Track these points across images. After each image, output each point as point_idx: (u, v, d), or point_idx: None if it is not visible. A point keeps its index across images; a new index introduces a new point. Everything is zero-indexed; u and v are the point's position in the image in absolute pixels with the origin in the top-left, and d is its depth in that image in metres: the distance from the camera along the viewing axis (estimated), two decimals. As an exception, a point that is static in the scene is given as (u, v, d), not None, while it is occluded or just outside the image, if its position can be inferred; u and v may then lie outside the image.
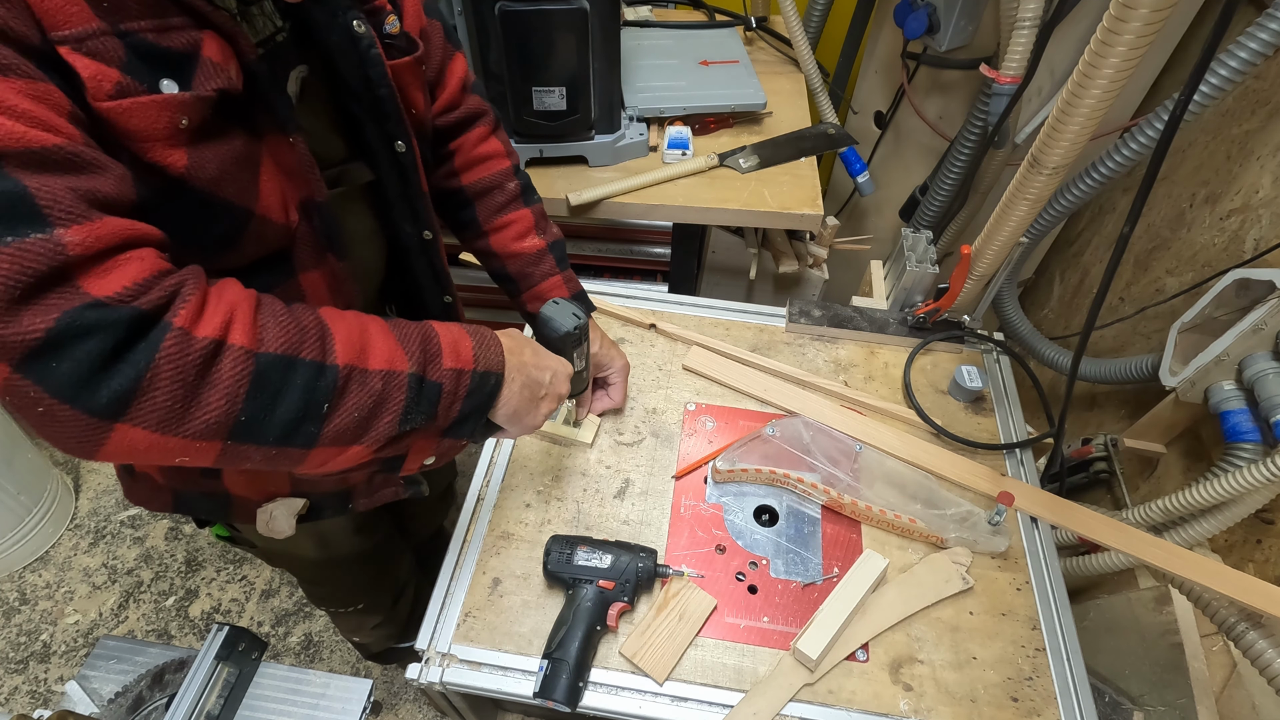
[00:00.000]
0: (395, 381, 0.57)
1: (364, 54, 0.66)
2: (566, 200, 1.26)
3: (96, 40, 0.46)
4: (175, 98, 0.49)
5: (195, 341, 0.47)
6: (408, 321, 0.62)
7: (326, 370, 0.53)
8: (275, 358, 0.51)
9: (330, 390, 0.54)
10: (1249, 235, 1.12)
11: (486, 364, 0.65)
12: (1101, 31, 0.69)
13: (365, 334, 0.57)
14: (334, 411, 0.54)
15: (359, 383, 0.55)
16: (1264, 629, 0.92)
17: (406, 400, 0.58)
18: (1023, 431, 1.03)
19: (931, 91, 1.54)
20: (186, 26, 0.50)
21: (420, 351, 0.60)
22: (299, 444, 0.53)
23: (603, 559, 0.81)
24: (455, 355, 0.63)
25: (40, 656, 1.62)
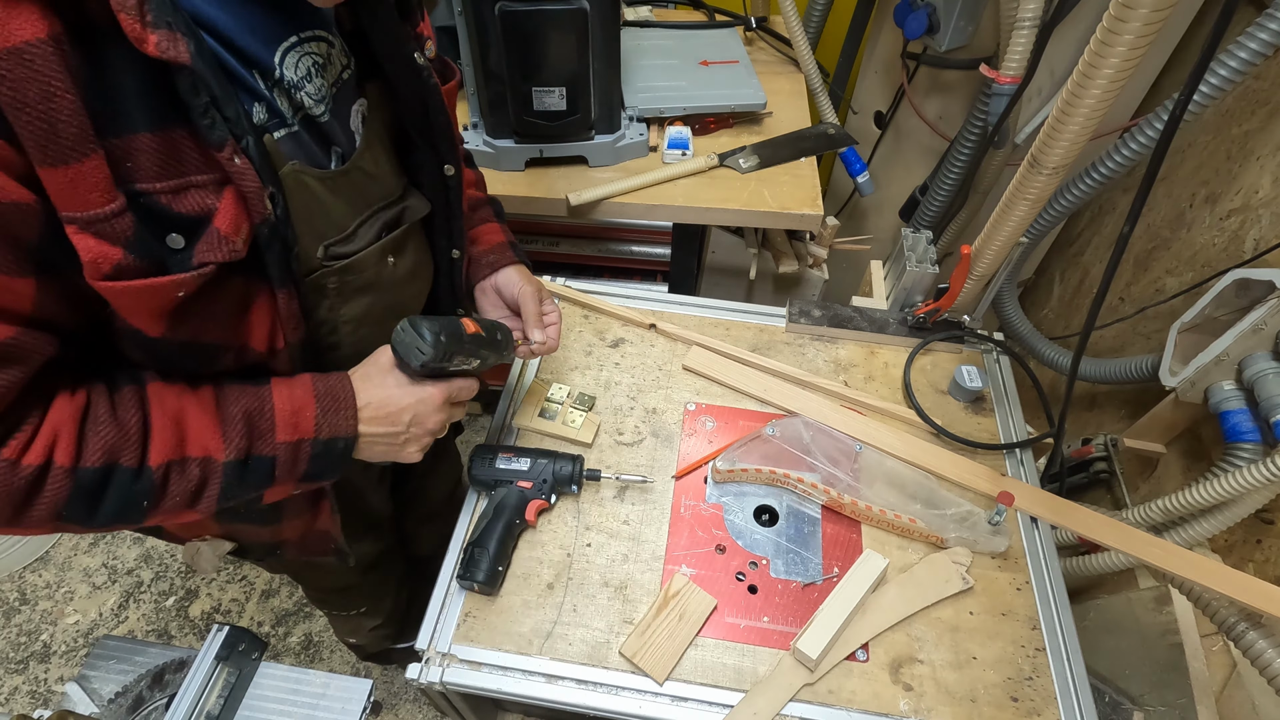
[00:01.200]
0: (211, 469, 0.60)
1: (425, 83, 0.68)
2: (566, 200, 1.26)
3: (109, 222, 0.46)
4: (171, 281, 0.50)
5: (20, 469, 0.51)
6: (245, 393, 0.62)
7: (143, 473, 0.57)
8: (93, 471, 0.54)
9: (147, 489, 0.57)
10: (1249, 235, 1.12)
11: (332, 431, 0.65)
12: (1101, 31, 0.69)
13: (183, 421, 0.59)
14: (155, 503, 0.58)
15: (178, 473, 0.58)
16: (1264, 629, 0.92)
17: (224, 483, 0.61)
18: (1023, 431, 1.03)
19: (931, 91, 1.54)
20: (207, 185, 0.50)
21: (244, 435, 0.61)
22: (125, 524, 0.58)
23: (521, 463, 0.88)
24: (293, 427, 0.63)
25: (40, 656, 1.62)
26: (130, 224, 0.47)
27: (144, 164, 0.47)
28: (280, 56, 0.56)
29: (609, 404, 1.03)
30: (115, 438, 0.55)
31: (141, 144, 0.46)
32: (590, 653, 0.80)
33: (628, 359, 1.09)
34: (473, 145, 1.31)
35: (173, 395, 0.59)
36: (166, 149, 0.47)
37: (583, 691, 0.78)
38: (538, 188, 1.31)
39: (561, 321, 0.90)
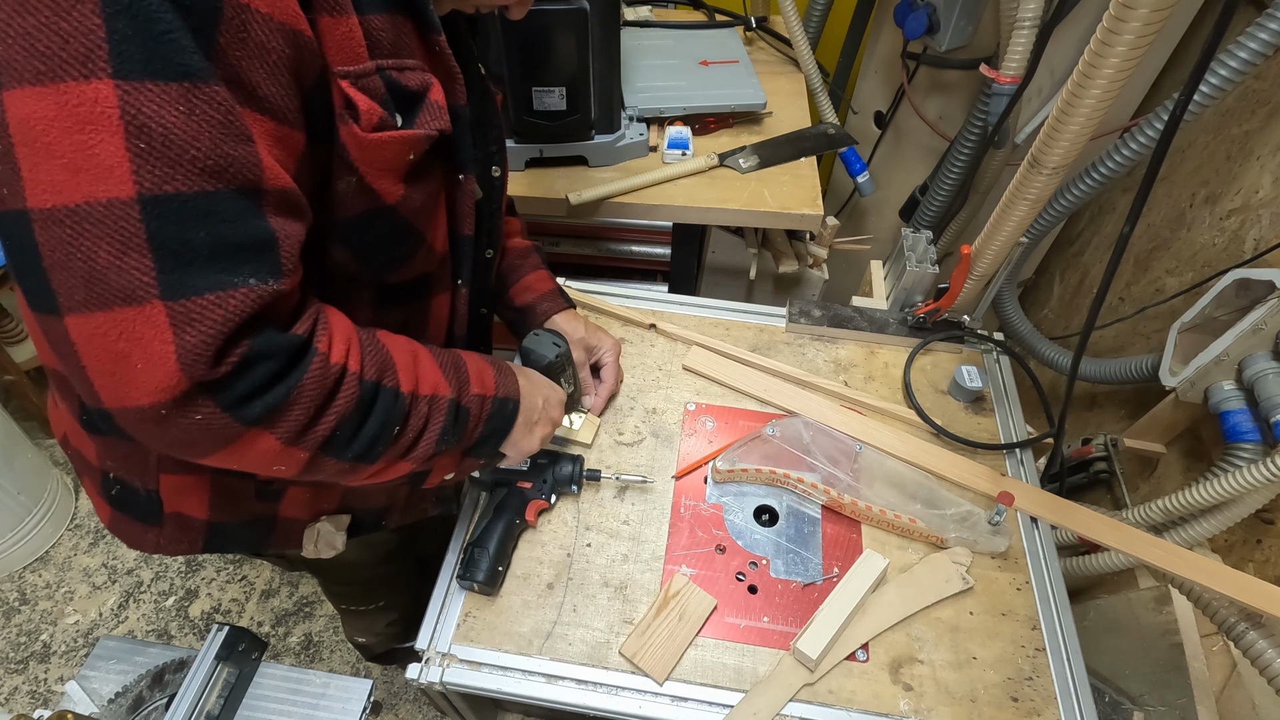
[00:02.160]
0: (438, 405, 0.62)
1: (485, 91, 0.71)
2: (566, 200, 1.26)
3: (369, 79, 0.51)
4: (411, 135, 0.55)
5: (331, 367, 0.52)
6: (441, 349, 0.67)
7: (400, 397, 0.59)
8: (372, 384, 0.56)
9: (401, 414, 0.59)
10: (1249, 235, 1.12)
11: (505, 391, 0.71)
12: (1101, 31, 0.69)
13: (417, 361, 0.62)
14: (401, 432, 0.59)
15: (415, 407, 0.60)
16: (1264, 629, 0.92)
17: (445, 423, 0.63)
18: (1023, 431, 1.03)
19: (931, 91, 1.54)
20: (418, 69, 0.56)
21: (455, 378, 0.65)
22: (366, 460, 0.58)
23: (524, 463, 0.88)
24: (481, 382, 0.68)
25: (40, 656, 1.62)
26: (381, 86, 0.52)
27: (379, 41, 0.51)
28: None
29: (608, 404, 1.03)
30: (383, 358, 0.58)
31: (377, 23, 0.51)
32: (590, 653, 0.80)
33: (628, 359, 1.09)
34: (473, 145, 1.31)
35: (403, 339, 0.63)
36: (394, 31, 0.53)
37: (583, 691, 0.78)
38: (538, 188, 1.31)
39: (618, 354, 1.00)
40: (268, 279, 0.45)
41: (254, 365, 0.47)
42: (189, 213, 0.42)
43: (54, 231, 0.40)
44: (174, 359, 0.42)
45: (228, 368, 0.45)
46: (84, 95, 0.38)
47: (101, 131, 0.39)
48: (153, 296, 0.41)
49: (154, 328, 0.42)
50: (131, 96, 0.39)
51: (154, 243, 0.41)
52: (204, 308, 0.43)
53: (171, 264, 0.42)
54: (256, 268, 0.45)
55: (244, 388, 0.47)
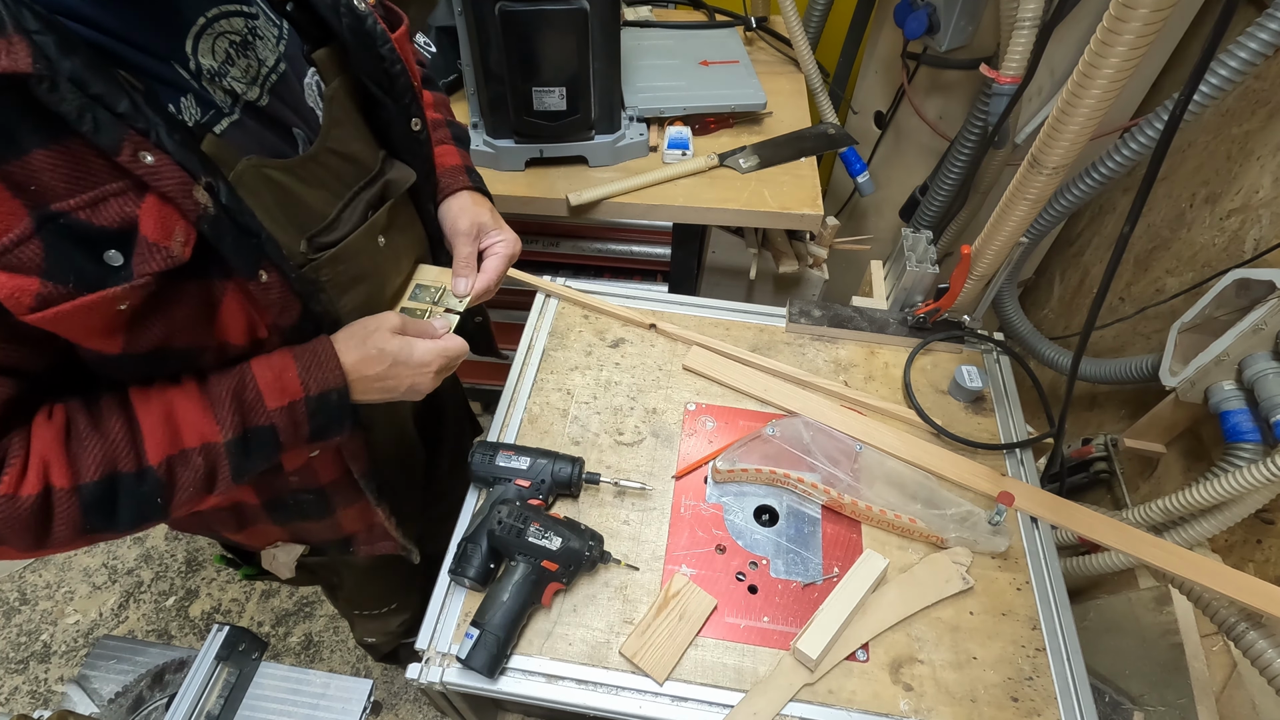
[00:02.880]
0: (214, 452, 0.60)
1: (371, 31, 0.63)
2: (567, 200, 1.26)
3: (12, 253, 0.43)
4: (103, 297, 0.46)
5: (20, 501, 0.51)
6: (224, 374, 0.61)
7: (145, 474, 0.57)
8: (95, 485, 0.55)
9: (157, 488, 0.57)
10: (1249, 235, 1.12)
11: (320, 385, 0.64)
12: (1101, 31, 0.69)
13: (172, 416, 0.58)
14: (169, 498, 0.58)
15: (182, 465, 0.58)
16: (1264, 629, 0.92)
17: (232, 463, 0.61)
18: (1023, 431, 1.03)
19: (931, 91, 1.54)
20: (124, 192, 0.46)
21: (235, 412, 0.60)
22: (153, 521, 0.59)
23: (521, 461, 0.83)
24: (280, 391, 0.62)
25: (40, 656, 1.62)
26: (39, 250, 0.43)
27: (49, 182, 0.43)
28: (191, 44, 0.52)
29: (609, 404, 1.03)
30: (105, 448, 0.55)
31: (38, 163, 0.42)
32: (590, 653, 0.80)
33: (628, 359, 1.09)
34: (473, 145, 1.31)
35: (156, 393, 0.58)
36: (70, 162, 0.44)
37: (583, 691, 0.78)
38: (538, 188, 1.31)
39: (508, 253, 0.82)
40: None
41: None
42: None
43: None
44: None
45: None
46: None
47: None
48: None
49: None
50: None
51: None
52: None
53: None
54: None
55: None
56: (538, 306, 1.16)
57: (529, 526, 0.81)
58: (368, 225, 0.68)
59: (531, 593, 0.79)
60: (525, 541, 0.81)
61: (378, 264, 0.72)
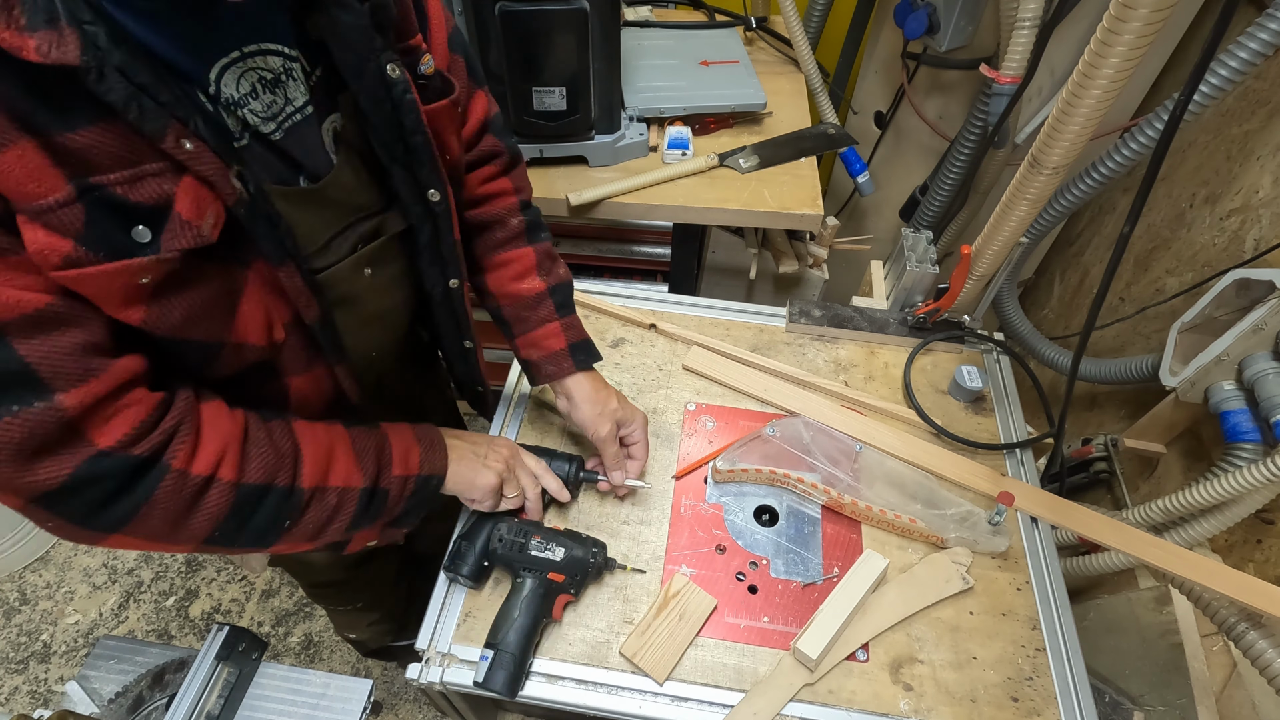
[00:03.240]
0: (349, 496, 0.66)
1: (398, 100, 0.62)
2: (566, 200, 1.26)
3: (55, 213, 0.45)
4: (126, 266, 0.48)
5: (190, 479, 0.55)
6: (369, 431, 0.70)
7: (294, 493, 0.62)
8: (254, 487, 0.59)
9: (295, 509, 0.63)
10: (1249, 235, 1.12)
11: (430, 469, 0.74)
12: (1101, 31, 0.69)
13: (331, 453, 0.65)
14: (294, 525, 0.63)
15: (319, 500, 0.64)
16: (1264, 629, 0.92)
17: (356, 512, 0.67)
18: (1023, 431, 1.03)
19: (931, 91, 1.54)
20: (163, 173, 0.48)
21: (375, 465, 0.68)
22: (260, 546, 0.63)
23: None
24: (405, 463, 0.71)
25: (40, 656, 1.62)
26: (80, 215, 0.46)
27: (94, 157, 0.45)
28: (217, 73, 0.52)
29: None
30: (274, 459, 0.61)
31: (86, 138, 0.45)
32: (590, 653, 0.80)
33: (628, 359, 1.09)
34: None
35: (322, 430, 0.66)
36: (115, 140, 0.46)
37: (583, 691, 0.78)
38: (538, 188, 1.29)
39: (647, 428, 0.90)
40: (32, 402, 0.47)
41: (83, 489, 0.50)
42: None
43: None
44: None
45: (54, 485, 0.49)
46: None
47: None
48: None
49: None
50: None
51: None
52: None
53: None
54: (18, 395, 0.47)
55: (81, 507, 0.51)
56: None
57: (530, 540, 0.82)
58: (356, 256, 0.69)
59: (541, 606, 0.79)
60: (529, 556, 0.81)
61: (360, 293, 0.72)
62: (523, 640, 0.76)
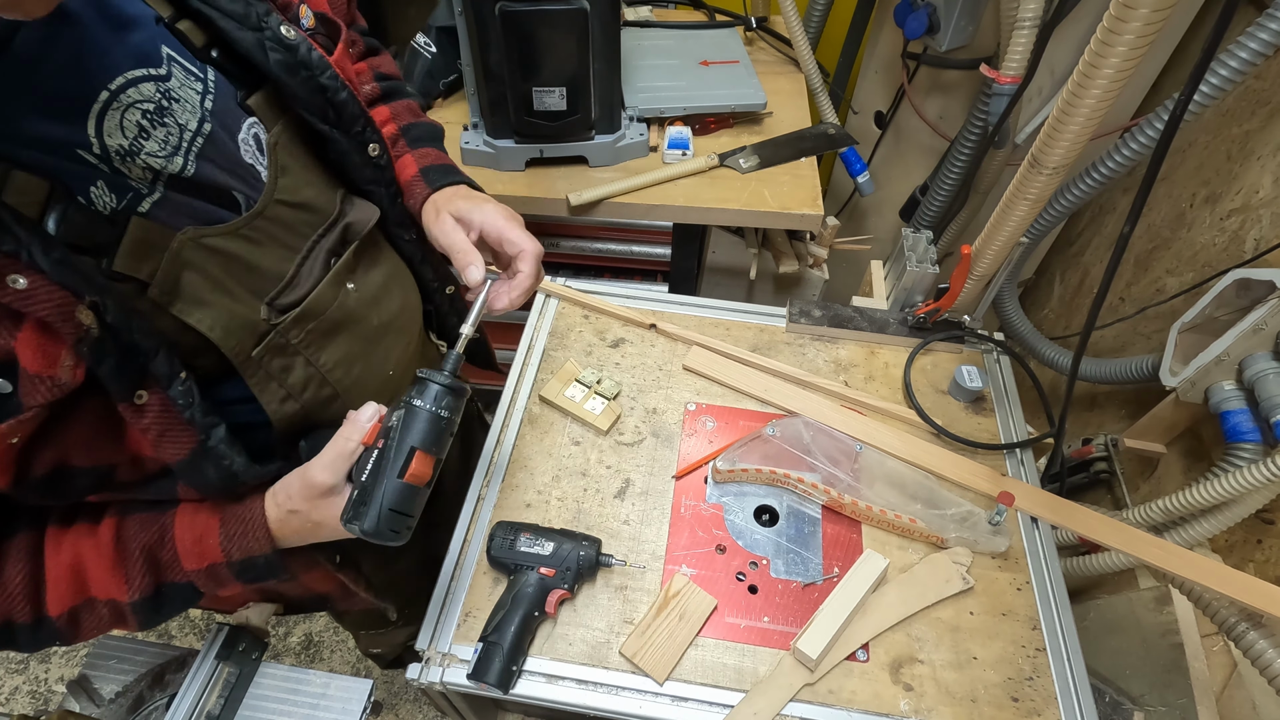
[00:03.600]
0: (118, 608, 0.59)
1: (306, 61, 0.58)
2: (567, 200, 1.26)
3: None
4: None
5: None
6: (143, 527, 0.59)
7: (43, 623, 0.56)
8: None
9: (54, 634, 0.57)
10: (1249, 235, 1.12)
11: (244, 552, 0.61)
12: (1102, 31, 0.69)
13: (80, 569, 0.57)
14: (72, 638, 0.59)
15: (87, 612, 0.58)
16: (1264, 629, 0.92)
17: (142, 616, 0.60)
18: (1023, 431, 1.03)
19: (932, 91, 1.54)
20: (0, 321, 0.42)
21: (146, 572, 0.59)
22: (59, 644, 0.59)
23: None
24: (198, 555, 0.60)
25: (41, 656, 1.62)
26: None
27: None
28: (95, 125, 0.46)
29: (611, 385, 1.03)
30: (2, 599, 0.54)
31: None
32: (590, 653, 0.80)
33: (628, 359, 1.09)
34: (473, 145, 1.31)
35: (69, 543, 0.56)
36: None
37: (583, 691, 0.78)
38: (538, 188, 1.31)
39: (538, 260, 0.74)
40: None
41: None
42: None
43: None
44: None
45: None
46: None
47: None
48: None
49: None
50: None
51: None
52: None
53: None
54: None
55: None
56: (538, 306, 1.16)
57: (519, 537, 0.83)
58: (332, 275, 0.64)
59: (532, 601, 0.79)
60: (518, 552, 0.82)
61: (350, 311, 0.68)
62: (512, 633, 0.77)
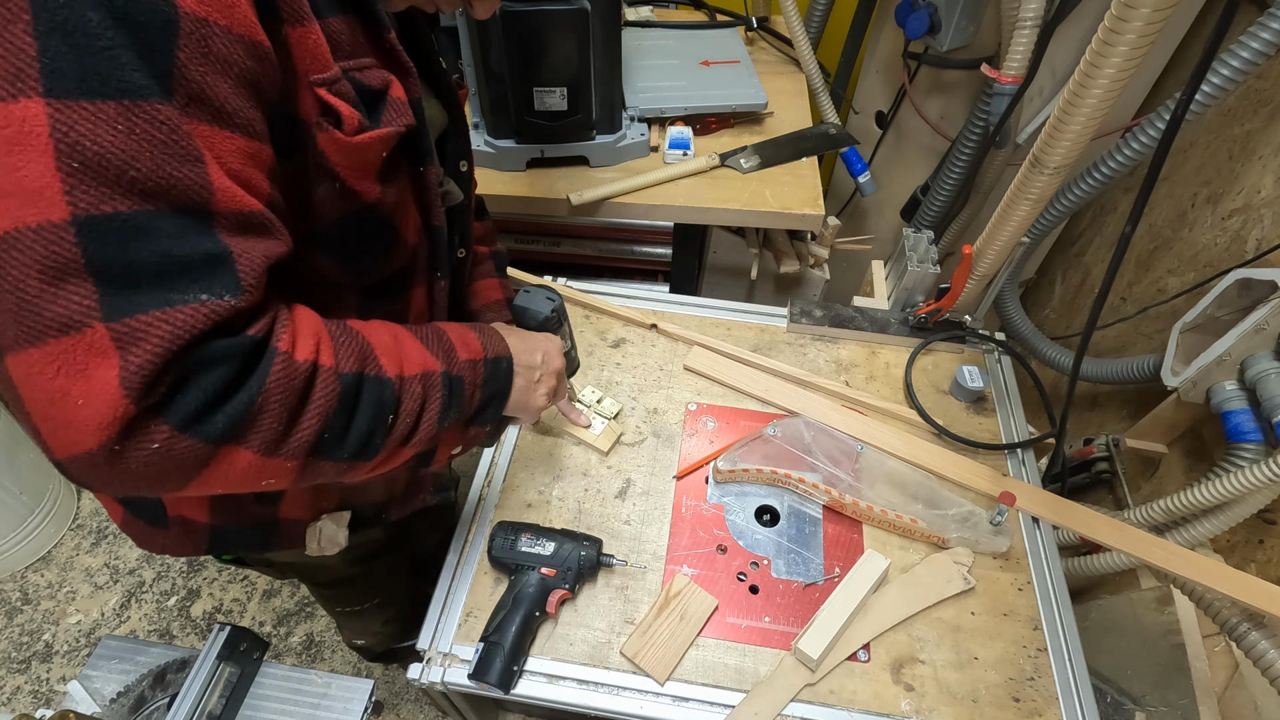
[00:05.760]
0: (431, 382, 0.60)
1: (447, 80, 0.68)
2: (568, 200, 1.26)
3: (340, 84, 0.51)
4: (386, 134, 0.55)
5: (297, 365, 0.48)
6: (417, 325, 0.64)
7: (387, 383, 0.56)
8: (352, 376, 0.53)
9: (393, 401, 0.56)
10: (1251, 235, 1.12)
11: (495, 350, 0.68)
12: (1103, 31, 0.69)
13: (398, 343, 0.59)
14: (395, 419, 0.57)
15: (407, 391, 0.58)
16: (1266, 629, 0.92)
17: (443, 398, 0.61)
18: (1024, 431, 1.03)
19: (933, 91, 1.54)
20: (375, 66, 0.55)
21: (440, 350, 0.62)
22: (364, 456, 0.55)
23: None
24: (466, 347, 0.65)
25: (42, 656, 1.62)
26: (350, 89, 0.52)
27: (340, 44, 0.51)
28: None
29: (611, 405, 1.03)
30: (360, 346, 0.55)
31: (335, 26, 0.51)
32: (591, 653, 0.80)
33: (629, 359, 1.09)
34: (474, 145, 1.31)
35: (377, 323, 0.60)
36: (350, 32, 0.52)
37: (584, 691, 0.78)
38: (538, 188, 1.31)
39: None
40: (223, 294, 0.43)
41: (201, 374, 0.43)
42: (130, 233, 0.39)
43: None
44: (116, 383, 0.39)
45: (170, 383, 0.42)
46: (10, 115, 0.36)
47: (29, 152, 0.37)
48: (94, 320, 0.39)
49: (96, 353, 0.39)
50: (63, 115, 0.37)
51: (93, 266, 0.39)
52: (149, 324, 0.40)
53: (115, 286, 0.39)
54: (209, 284, 0.42)
55: (195, 401, 0.42)
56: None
57: (520, 537, 0.83)
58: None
59: (533, 601, 0.79)
60: (519, 552, 0.82)
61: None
62: (513, 633, 0.77)
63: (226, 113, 0.43)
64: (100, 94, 0.37)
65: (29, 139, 0.36)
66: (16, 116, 0.36)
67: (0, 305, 0.38)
